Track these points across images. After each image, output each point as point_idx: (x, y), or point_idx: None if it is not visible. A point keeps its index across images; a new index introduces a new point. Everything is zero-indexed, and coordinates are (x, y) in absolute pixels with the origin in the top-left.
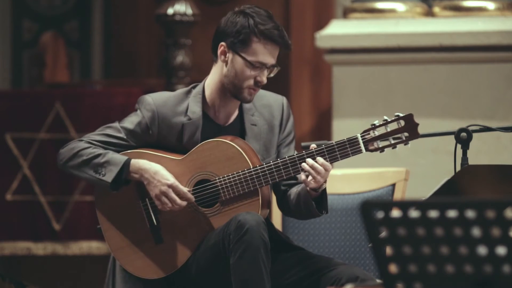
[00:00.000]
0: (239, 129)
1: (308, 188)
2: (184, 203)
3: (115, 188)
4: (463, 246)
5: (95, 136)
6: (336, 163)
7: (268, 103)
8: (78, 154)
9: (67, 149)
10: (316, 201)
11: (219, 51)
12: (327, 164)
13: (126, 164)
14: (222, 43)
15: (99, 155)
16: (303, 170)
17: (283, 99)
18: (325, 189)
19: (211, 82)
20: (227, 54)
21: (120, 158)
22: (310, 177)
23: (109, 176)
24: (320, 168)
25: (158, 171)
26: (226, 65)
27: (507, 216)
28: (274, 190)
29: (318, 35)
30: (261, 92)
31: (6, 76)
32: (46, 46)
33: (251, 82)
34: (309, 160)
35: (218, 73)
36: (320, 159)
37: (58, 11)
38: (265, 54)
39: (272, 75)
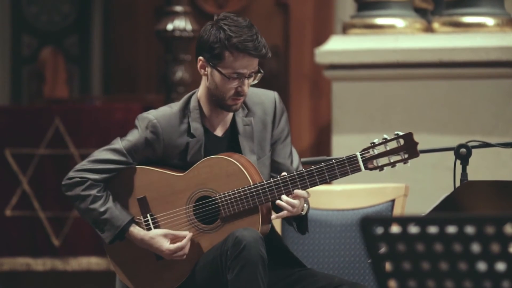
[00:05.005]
0: (235, 134)
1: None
2: (186, 250)
3: (113, 242)
4: (462, 262)
5: (96, 165)
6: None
7: (260, 100)
8: (81, 197)
9: (72, 184)
10: (298, 221)
11: (198, 66)
12: (303, 193)
13: (123, 230)
14: (200, 57)
15: (100, 212)
16: (279, 206)
17: (275, 94)
18: (306, 212)
19: (202, 95)
20: (206, 68)
21: (119, 220)
22: (287, 212)
23: (106, 236)
24: (295, 202)
25: (152, 245)
26: (207, 79)
27: (507, 232)
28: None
29: (318, 51)
30: (252, 89)
31: (6, 91)
32: (45, 62)
33: (232, 92)
34: (284, 197)
35: (204, 86)
36: (296, 191)
37: (58, 27)
38: (241, 66)
39: (256, 81)
